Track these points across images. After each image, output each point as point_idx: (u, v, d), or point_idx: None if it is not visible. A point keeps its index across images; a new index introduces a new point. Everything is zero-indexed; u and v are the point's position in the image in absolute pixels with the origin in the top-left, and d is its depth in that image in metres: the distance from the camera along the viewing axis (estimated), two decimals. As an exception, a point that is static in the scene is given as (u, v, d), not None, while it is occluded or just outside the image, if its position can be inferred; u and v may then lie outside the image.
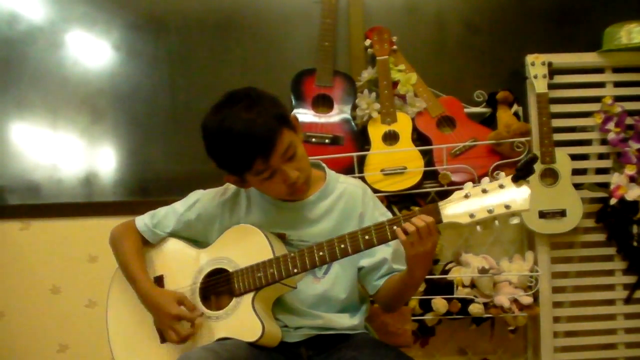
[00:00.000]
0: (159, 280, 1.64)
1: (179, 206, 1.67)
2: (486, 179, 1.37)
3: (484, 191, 1.35)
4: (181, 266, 1.62)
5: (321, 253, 1.47)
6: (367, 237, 1.43)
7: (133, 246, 1.65)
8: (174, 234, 1.67)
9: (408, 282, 1.50)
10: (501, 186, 1.34)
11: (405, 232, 1.38)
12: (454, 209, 1.36)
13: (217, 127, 1.47)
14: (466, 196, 1.36)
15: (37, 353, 2.52)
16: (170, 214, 1.67)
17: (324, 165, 1.69)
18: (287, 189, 1.51)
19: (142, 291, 1.59)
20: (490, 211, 1.33)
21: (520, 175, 1.31)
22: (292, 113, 1.56)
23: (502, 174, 1.36)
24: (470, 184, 1.37)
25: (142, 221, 1.68)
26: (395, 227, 1.40)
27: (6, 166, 2.56)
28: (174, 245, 1.66)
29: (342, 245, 1.45)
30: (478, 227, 1.37)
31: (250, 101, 1.47)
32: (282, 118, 1.48)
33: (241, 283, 1.52)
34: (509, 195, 1.32)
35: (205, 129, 1.51)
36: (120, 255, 1.66)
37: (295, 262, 1.48)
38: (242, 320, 1.50)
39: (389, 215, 1.67)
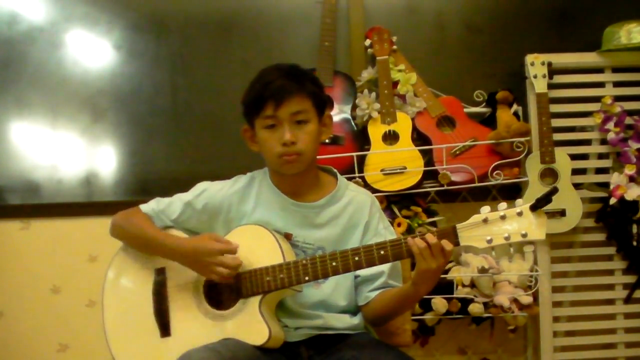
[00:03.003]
0: (161, 273, 1.62)
1: (186, 195, 1.66)
2: (504, 204, 1.39)
3: (502, 217, 1.37)
4: None
5: (334, 263, 1.46)
6: (382, 252, 1.43)
7: (145, 219, 1.64)
8: (178, 224, 1.65)
9: (409, 296, 1.50)
10: (519, 214, 1.36)
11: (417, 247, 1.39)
12: (472, 233, 1.38)
13: (260, 72, 1.58)
14: (485, 221, 1.37)
15: (37, 353, 2.52)
16: (176, 202, 1.65)
17: (336, 171, 1.70)
18: (279, 150, 1.53)
19: (171, 245, 1.57)
20: (507, 238, 1.36)
21: (540, 205, 1.33)
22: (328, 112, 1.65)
23: (520, 200, 1.38)
24: (488, 207, 1.39)
25: (148, 206, 1.67)
26: (408, 239, 1.40)
27: (6, 166, 2.56)
28: None
29: (357, 258, 1.45)
30: (493, 253, 1.39)
31: (295, 67, 1.59)
32: (314, 93, 1.57)
33: (249, 285, 1.51)
34: (526, 224, 1.35)
35: None
36: (132, 228, 1.64)
37: (307, 270, 1.48)
38: (248, 323, 1.50)
39: (392, 230, 1.68)
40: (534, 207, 1.34)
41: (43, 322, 2.52)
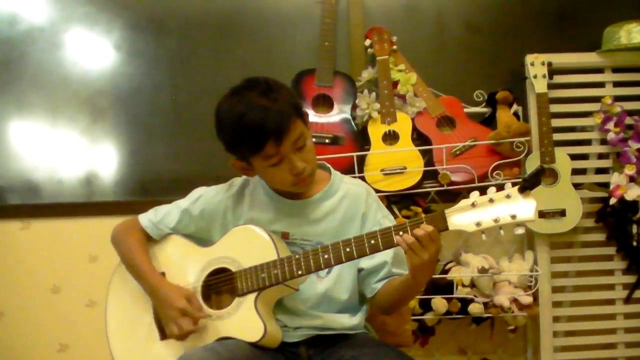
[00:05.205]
0: (162, 276, 1.63)
1: (183, 202, 1.67)
2: (493, 189, 1.38)
3: (491, 200, 1.36)
4: (184, 264, 1.62)
5: (326, 256, 1.46)
6: (373, 241, 1.43)
7: (137, 241, 1.65)
8: (177, 231, 1.66)
9: (410, 286, 1.50)
10: (508, 196, 1.35)
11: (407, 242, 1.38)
12: (461, 216, 1.38)
13: (231, 110, 1.48)
14: (473, 205, 1.37)
15: (37, 353, 2.53)
16: (173, 210, 1.66)
17: (329, 166, 1.69)
18: (292, 178, 1.51)
19: (149, 283, 1.59)
20: (496, 220, 1.35)
21: (527, 186, 1.33)
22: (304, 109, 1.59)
23: (509, 184, 1.37)
24: (476, 192, 1.38)
25: (146, 217, 1.68)
26: (396, 237, 1.40)
27: (6, 166, 2.56)
28: (177, 243, 1.65)
29: (348, 249, 1.45)
30: (483, 236, 1.39)
31: (267, 88, 1.49)
32: (296, 107, 1.51)
33: (244, 283, 1.52)
34: (515, 206, 1.34)
35: (219, 112, 1.51)
36: (125, 250, 1.65)
37: (299, 264, 1.48)
38: (244, 320, 1.50)
39: (391, 218, 1.67)
40: (522, 189, 1.34)
41: (43, 322, 2.52)
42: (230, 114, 1.48)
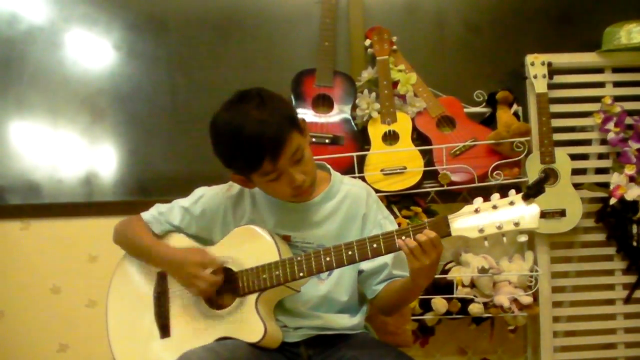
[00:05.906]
0: (163, 276, 1.63)
1: (184, 201, 1.67)
2: (496, 195, 1.37)
3: (494, 207, 1.36)
4: None
5: (328, 258, 1.47)
6: (375, 245, 1.43)
7: (143, 227, 1.66)
8: (178, 230, 1.66)
9: (411, 289, 1.51)
10: (511, 203, 1.34)
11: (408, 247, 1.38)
12: (464, 222, 1.37)
13: (227, 125, 1.46)
14: (476, 211, 1.37)
15: (37, 353, 2.53)
16: (175, 208, 1.67)
17: (328, 166, 1.69)
18: (292, 191, 1.51)
19: (163, 253, 1.60)
20: (499, 227, 1.34)
21: (531, 193, 1.32)
22: (300, 116, 1.56)
23: (513, 191, 1.36)
24: (480, 199, 1.38)
25: (149, 213, 1.69)
26: (398, 240, 1.40)
27: (6, 166, 2.56)
28: (179, 243, 1.65)
29: (350, 252, 1.45)
30: (486, 242, 1.38)
31: (262, 101, 1.47)
32: (292, 120, 1.49)
33: (245, 283, 1.52)
34: (518, 213, 1.33)
35: (215, 127, 1.50)
36: (130, 235, 1.66)
37: (301, 265, 1.48)
38: (244, 321, 1.50)
39: (392, 219, 1.67)
40: (526, 197, 1.33)
41: (43, 322, 2.52)
42: (225, 134, 1.46)
